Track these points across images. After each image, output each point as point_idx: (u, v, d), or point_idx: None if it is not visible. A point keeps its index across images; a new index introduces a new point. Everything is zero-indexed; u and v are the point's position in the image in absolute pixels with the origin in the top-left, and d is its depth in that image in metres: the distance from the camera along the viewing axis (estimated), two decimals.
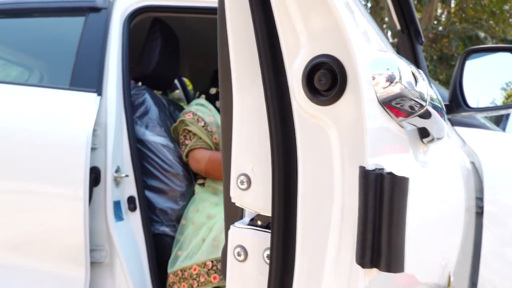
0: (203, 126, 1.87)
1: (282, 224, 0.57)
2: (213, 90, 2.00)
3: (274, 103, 0.58)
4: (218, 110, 1.95)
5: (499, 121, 3.91)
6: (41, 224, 1.62)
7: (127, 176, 1.73)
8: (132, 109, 1.85)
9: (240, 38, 0.63)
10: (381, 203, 0.49)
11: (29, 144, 1.64)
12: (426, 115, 0.64)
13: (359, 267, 0.51)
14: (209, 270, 1.57)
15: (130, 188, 1.75)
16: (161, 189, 1.86)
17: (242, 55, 0.63)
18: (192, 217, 1.80)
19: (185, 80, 3.64)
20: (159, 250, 1.80)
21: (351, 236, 0.53)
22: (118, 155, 1.72)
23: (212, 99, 1.97)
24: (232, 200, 0.63)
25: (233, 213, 0.65)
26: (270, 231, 0.60)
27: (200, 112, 1.90)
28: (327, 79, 0.54)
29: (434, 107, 0.66)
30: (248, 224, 0.64)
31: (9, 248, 1.63)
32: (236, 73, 0.63)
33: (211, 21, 2.14)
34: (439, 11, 12.76)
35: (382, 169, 0.52)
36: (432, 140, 0.74)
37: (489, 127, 1.79)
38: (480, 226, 1.44)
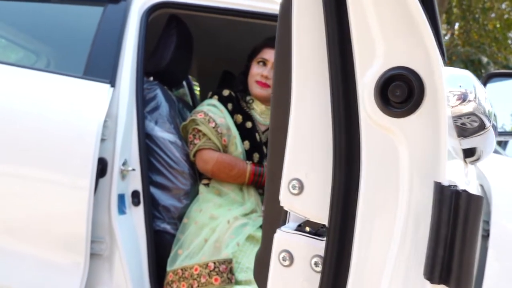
0: (213, 127, 1.86)
1: (338, 233, 0.56)
2: (226, 92, 1.99)
3: (341, 111, 0.57)
4: (229, 112, 1.94)
5: (499, 144, 3.95)
6: (44, 210, 1.60)
7: (133, 170, 1.72)
8: (143, 103, 1.84)
9: (305, 41, 0.62)
10: (456, 220, 0.49)
11: (38, 129, 1.63)
12: (486, 134, 0.64)
13: (424, 282, 0.51)
14: (210, 271, 1.56)
15: (135, 182, 1.74)
16: (165, 186, 1.85)
17: (305, 59, 0.62)
18: (194, 216, 1.79)
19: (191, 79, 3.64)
20: (159, 247, 1.78)
21: (415, 251, 0.52)
22: (126, 148, 1.72)
23: (224, 101, 1.97)
24: (281, 204, 0.62)
25: (274, 217, 0.65)
26: (320, 238, 0.59)
27: (211, 112, 1.89)
28: (402, 91, 0.53)
29: (493, 126, 0.66)
30: (295, 230, 0.63)
31: (9, 232, 1.61)
32: (298, 76, 0.62)
33: (226, 22, 2.15)
34: (443, 32, 12.86)
35: (456, 186, 0.52)
36: (477, 160, 0.74)
37: (499, 151, 1.80)
38: (485, 250, 1.45)
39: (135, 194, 1.73)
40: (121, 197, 1.70)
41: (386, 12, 0.55)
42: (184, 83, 3.50)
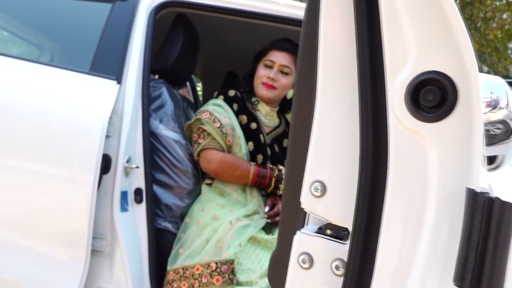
0: (218, 127, 1.86)
1: (362, 238, 0.56)
2: (232, 92, 1.99)
3: (368, 113, 0.57)
4: (234, 112, 1.94)
5: None
6: (46, 206, 1.59)
7: (137, 167, 1.71)
8: (148, 101, 1.84)
9: (333, 42, 0.62)
10: (488, 227, 0.48)
11: (43, 124, 1.62)
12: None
13: None
14: (212, 271, 1.56)
15: (138, 179, 1.74)
16: (168, 185, 1.84)
17: (332, 61, 0.62)
18: (196, 216, 1.78)
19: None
20: (159, 245, 1.78)
21: (444, 258, 0.52)
22: (131, 146, 1.71)
23: (230, 101, 1.97)
24: (302, 206, 0.62)
25: (292, 219, 0.64)
26: (341, 241, 0.59)
27: (217, 112, 1.89)
28: (435, 96, 0.52)
29: None
30: (316, 232, 0.63)
31: (11, 226, 1.60)
32: (323, 78, 0.62)
33: (233, 23, 2.15)
34: None
35: (488, 192, 0.51)
36: (496, 168, 0.73)
37: None
38: None
39: (138, 191, 1.72)
40: (123, 194, 1.69)
41: (420, 14, 0.54)
42: (188, 83, 3.50)
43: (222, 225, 1.68)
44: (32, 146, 1.59)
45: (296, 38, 2.07)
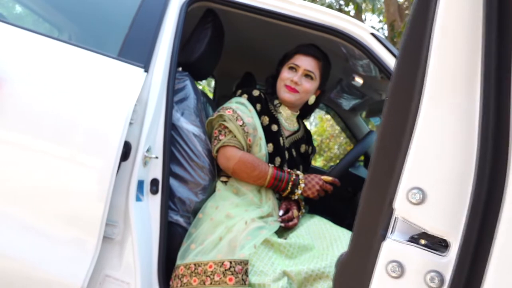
0: (240, 125, 1.85)
1: (471, 254, 0.53)
2: (256, 92, 1.98)
3: (490, 119, 0.54)
4: (257, 112, 1.93)
5: None
6: (63, 188, 1.57)
7: (156, 157, 1.69)
8: (173, 92, 1.82)
9: (451, 35, 0.58)
10: None
11: (67, 106, 1.59)
12: None
13: None
14: (226, 270, 1.54)
15: (156, 170, 1.72)
16: (184, 178, 1.82)
17: (446, 58, 0.58)
18: (210, 213, 1.76)
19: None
20: (168, 238, 1.76)
21: None
22: (152, 135, 1.69)
23: (253, 101, 1.95)
24: (397, 212, 0.59)
25: (372, 224, 0.62)
26: (439, 253, 0.56)
27: (240, 111, 1.88)
28: None
29: None
30: (408, 241, 0.60)
31: (26, 207, 1.56)
32: (433, 79, 0.58)
33: (258, 24, 2.13)
34: None
35: None
36: None
37: None
38: None
39: (154, 182, 1.70)
40: (140, 184, 1.67)
41: None
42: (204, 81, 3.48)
43: (237, 224, 1.66)
44: (54, 128, 1.57)
45: (320, 44, 2.07)
